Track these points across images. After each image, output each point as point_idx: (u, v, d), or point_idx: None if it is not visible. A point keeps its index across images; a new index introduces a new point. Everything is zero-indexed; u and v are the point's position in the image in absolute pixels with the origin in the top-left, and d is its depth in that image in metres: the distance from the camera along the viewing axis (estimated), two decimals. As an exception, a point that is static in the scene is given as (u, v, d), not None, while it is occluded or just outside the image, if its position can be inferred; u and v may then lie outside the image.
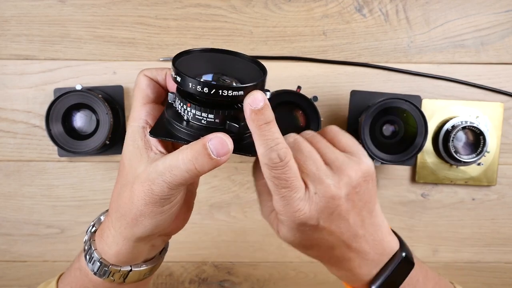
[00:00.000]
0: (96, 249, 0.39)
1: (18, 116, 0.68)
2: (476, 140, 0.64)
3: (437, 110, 0.67)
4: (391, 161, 0.60)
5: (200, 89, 0.32)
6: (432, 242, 0.70)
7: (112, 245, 0.38)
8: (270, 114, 0.33)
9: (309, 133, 0.38)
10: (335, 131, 0.39)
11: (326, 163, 0.35)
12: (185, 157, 0.33)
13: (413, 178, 0.68)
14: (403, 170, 0.69)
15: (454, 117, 0.65)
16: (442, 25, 0.67)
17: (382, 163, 0.60)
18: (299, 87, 0.60)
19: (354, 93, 0.66)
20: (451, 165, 0.66)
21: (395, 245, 0.40)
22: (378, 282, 0.39)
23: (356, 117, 0.65)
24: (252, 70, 0.37)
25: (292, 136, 0.37)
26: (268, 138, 0.33)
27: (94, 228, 0.41)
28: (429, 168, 0.67)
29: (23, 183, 0.68)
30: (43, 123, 0.63)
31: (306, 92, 0.63)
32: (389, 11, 0.67)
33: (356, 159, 0.36)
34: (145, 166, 0.35)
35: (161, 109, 0.38)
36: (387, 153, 0.61)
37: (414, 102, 0.59)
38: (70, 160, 0.68)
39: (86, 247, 0.40)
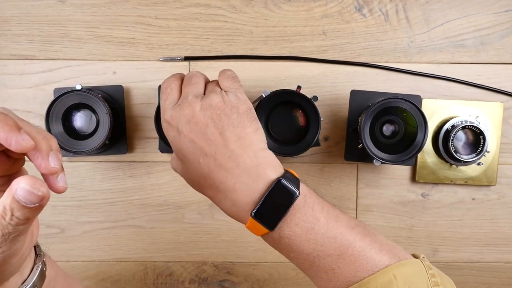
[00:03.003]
0: None
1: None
2: (476, 140, 0.64)
3: (437, 110, 0.67)
4: (391, 161, 0.60)
5: None
6: (432, 242, 0.70)
7: None
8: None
9: (214, 80, 0.48)
10: (223, 76, 0.47)
11: (205, 94, 0.45)
12: (5, 214, 0.30)
13: (413, 178, 0.68)
14: (403, 170, 0.69)
15: (454, 117, 0.65)
16: (442, 25, 0.67)
17: (382, 163, 0.60)
18: (299, 87, 0.60)
19: (354, 93, 0.66)
20: (451, 165, 0.66)
21: (275, 175, 0.42)
22: (256, 208, 0.41)
23: (356, 117, 0.65)
24: None
25: (195, 72, 0.48)
26: None
27: None
28: (429, 168, 0.67)
29: (23, 183, 0.68)
30: (43, 123, 0.63)
31: (306, 92, 0.63)
32: (389, 11, 0.67)
33: (225, 93, 0.44)
34: None
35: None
36: (387, 153, 0.61)
37: (414, 101, 0.59)
38: (70, 160, 0.68)
39: None
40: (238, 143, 0.42)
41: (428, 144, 0.67)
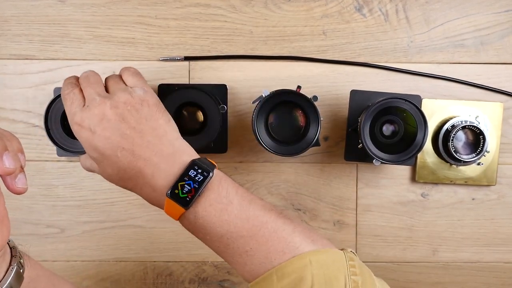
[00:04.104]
0: None
1: (18, 116, 0.68)
2: (476, 139, 0.64)
3: (437, 110, 0.67)
4: (391, 161, 0.60)
5: None
6: (431, 242, 0.70)
7: None
8: None
9: (111, 75, 0.50)
10: (128, 73, 0.49)
11: (109, 92, 0.46)
12: None
13: (413, 178, 0.68)
14: (403, 170, 0.69)
15: (454, 117, 0.65)
16: (442, 24, 0.67)
17: (382, 163, 0.60)
18: (299, 87, 0.60)
19: (354, 93, 0.66)
20: (451, 164, 0.66)
21: (191, 159, 0.45)
22: (170, 188, 0.43)
23: (356, 116, 0.65)
24: None
25: (89, 71, 0.49)
26: None
27: None
28: (429, 168, 0.67)
29: (22, 183, 0.68)
30: (42, 123, 0.63)
31: (306, 92, 0.63)
32: (389, 11, 0.67)
33: (132, 89, 0.46)
34: None
35: None
36: (387, 153, 0.61)
37: (414, 101, 0.59)
38: (69, 160, 0.68)
39: None
40: (153, 134, 0.44)
41: (428, 144, 0.67)
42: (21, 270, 0.41)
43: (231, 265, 0.46)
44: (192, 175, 0.43)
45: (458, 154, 0.64)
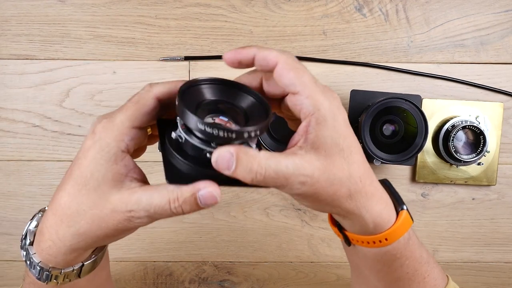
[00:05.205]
0: (41, 261, 0.36)
1: (18, 116, 0.68)
2: (476, 139, 0.64)
3: (437, 110, 0.67)
4: (391, 161, 0.60)
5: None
6: (432, 242, 0.70)
7: (59, 255, 0.36)
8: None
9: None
10: None
11: None
12: (174, 202, 0.33)
13: (413, 178, 0.68)
14: (403, 170, 0.69)
15: (454, 117, 0.65)
16: (442, 24, 0.67)
17: (382, 163, 0.60)
18: (299, 87, 0.60)
19: (354, 93, 0.66)
20: (451, 164, 0.66)
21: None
22: (400, 202, 0.38)
23: (356, 116, 0.65)
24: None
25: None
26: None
27: (28, 241, 0.38)
28: (429, 167, 0.67)
29: (23, 182, 0.68)
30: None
31: (306, 91, 0.63)
32: (389, 11, 0.67)
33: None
34: (121, 195, 0.34)
35: (143, 134, 0.36)
36: (387, 153, 0.61)
37: (414, 101, 0.59)
38: (70, 160, 0.68)
39: (29, 261, 0.37)
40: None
41: (428, 144, 0.67)
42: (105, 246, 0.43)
43: None
44: (395, 191, 0.39)
45: (458, 154, 0.64)
